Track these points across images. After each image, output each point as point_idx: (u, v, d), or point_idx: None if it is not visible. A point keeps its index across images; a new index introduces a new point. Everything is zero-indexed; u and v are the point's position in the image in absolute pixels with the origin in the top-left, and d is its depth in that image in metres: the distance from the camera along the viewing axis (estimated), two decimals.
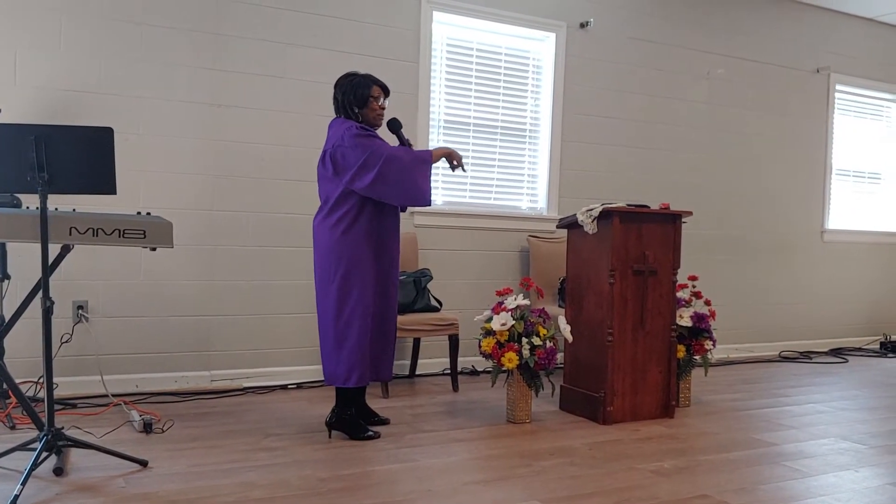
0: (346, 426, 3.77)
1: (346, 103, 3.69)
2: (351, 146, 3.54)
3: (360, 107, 3.69)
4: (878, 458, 3.73)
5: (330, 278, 3.63)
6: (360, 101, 3.68)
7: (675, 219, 4.40)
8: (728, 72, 6.59)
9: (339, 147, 3.57)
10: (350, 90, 3.68)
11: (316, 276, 3.71)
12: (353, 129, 3.58)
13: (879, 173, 7.66)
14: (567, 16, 5.83)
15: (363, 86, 3.68)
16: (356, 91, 3.68)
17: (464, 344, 5.05)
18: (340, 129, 3.61)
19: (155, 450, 3.43)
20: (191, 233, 4.68)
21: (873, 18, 7.34)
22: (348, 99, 3.68)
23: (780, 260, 6.97)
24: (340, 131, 3.59)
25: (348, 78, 3.73)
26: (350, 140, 3.54)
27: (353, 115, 3.70)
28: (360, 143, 3.54)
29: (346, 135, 3.56)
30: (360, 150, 3.53)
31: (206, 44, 4.68)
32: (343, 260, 3.61)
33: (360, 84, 3.68)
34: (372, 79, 3.73)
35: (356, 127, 3.59)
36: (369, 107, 3.69)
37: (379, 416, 4.05)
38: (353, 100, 3.67)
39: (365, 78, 3.72)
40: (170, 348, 4.65)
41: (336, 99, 3.74)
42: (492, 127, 5.65)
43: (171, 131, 4.62)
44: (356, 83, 3.69)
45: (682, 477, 3.33)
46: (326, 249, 3.64)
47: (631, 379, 4.27)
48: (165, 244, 3.27)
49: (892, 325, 7.70)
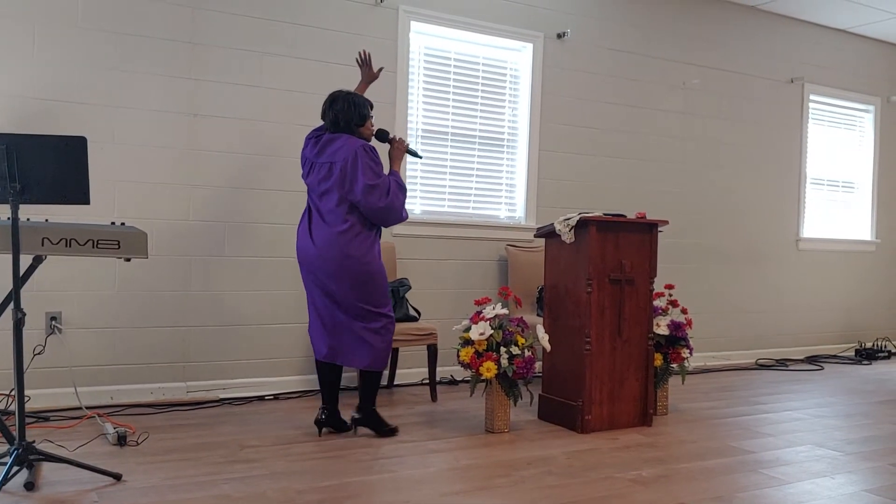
0: (374, 421, 4.04)
1: (347, 120, 3.89)
2: (364, 169, 3.77)
3: (359, 125, 3.93)
4: (854, 465, 3.76)
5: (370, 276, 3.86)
6: (360, 120, 3.93)
7: (652, 228, 4.42)
8: (703, 82, 6.65)
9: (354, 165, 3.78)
10: (353, 109, 3.90)
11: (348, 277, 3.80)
12: (368, 151, 3.82)
13: (853, 182, 7.75)
14: (544, 26, 5.86)
15: (363, 106, 3.95)
16: (358, 111, 3.91)
17: (442, 353, 5.04)
18: (351, 147, 3.81)
19: (129, 463, 3.39)
20: (167, 243, 4.64)
21: (846, 30, 7.44)
22: (350, 116, 3.89)
23: (756, 268, 7.03)
24: (352, 149, 3.80)
25: (347, 96, 3.93)
26: (364, 162, 3.78)
27: (352, 131, 3.91)
28: (374, 170, 3.81)
29: (360, 155, 3.79)
30: (374, 176, 3.79)
31: (181, 53, 4.66)
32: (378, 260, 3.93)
33: (361, 104, 3.93)
34: (368, 100, 4.01)
35: (370, 150, 3.84)
36: (366, 125, 3.97)
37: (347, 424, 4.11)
38: (355, 118, 3.90)
39: (363, 98, 3.98)
40: (145, 359, 4.60)
41: (335, 115, 3.90)
42: (470, 136, 5.65)
43: (146, 140, 4.58)
44: (357, 103, 3.92)
45: (659, 485, 3.33)
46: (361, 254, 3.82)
47: (609, 387, 4.28)
48: (140, 255, 3.24)
49: (866, 332, 7.78)
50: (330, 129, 3.94)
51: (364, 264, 3.81)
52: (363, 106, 3.94)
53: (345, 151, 3.80)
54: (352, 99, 3.92)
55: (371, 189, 3.76)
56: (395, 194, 3.85)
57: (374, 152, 3.85)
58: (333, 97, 3.94)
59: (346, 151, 3.79)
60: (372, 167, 3.79)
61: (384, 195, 3.81)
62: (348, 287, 3.81)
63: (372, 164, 3.80)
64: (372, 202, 3.78)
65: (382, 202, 3.80)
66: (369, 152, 3.82)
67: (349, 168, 3.76)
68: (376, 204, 3.79)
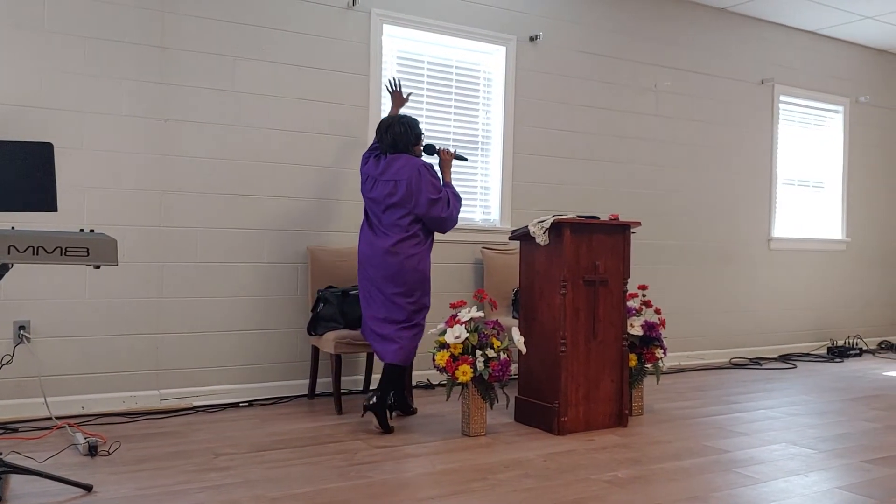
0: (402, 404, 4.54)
1: (405, 142, 4.37)
2: (426, 185, 4.26)
3: (415, 144, 4.42)
4: (827, 463, 3.79)
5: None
6: (416, 140, 4.42)
7: (625, 229, 4.44)
8: (675, 84, 6.70)
9: (418, 182, 4.25)
10: (409, 131, 4.39)
11: (404, 280, 4.25)
12: (428, 169, 4.31)
13: (823, 182, 7.84)
14: (516, 29, 5.87)
15: (416, 127, 4.44)
16: (413, 132, 4.41)
17: (418, 357, 5.01)
18: (414, 166, 4.29)
19: (100, 473, 3.34)
20: (138, 249, 4.58)
21: (815, 31, 7.53)
22: (408, 138, 4.38)
23: (729, 268, 7.08)
24: (415, 168, 4.28)
25: (402, 120, 4.40)
26: (426, 179, 4.27)
27: (409, 150, 4.39)
28: (435, 185, 4.31)
29: (422, 173, 4.27)
30: (435, 190, 4.30)
31: (151, 57, 4.61)
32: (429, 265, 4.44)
33: (415, 125, 4.43)
34: (417, 120, 4.49)
35: (430, 168, 4.33)
36: (419, 144, 4.46)
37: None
38: (412, 139, 4.39)
39: (415, 120, 4.47)
40: (117, 368, 4.55)
41: (394, 138, 4.36)
42: (444, 139, 5.64)
43: (115, 146, 4.53)
44: (412, 125, 4.41)
45: (636, 486, 3.34)
46: (418, 259, 4.30)
47: (584, 389, 4.29)
48: (110, 262, 3.19)
49: (838, 330, 7.87)
50: (388, 150, 4.38)
51: (420, 269, 4.29)
52: (416, 127, 4.43)
53: (408, 170, 4.27)
54: (406, 122, 4.40)
55: (434, 202, 4.26)
56: (453, 205, 4.38)
57: (433, 169, 4.36)
58: (389, 122, 4.41)
59: (409, 170, 4.26)
60: (433, 182, 4.29)
61: (445, 206, 4.32)
62: (403, 289, 4.23)
63: (433, 179, 4.30)
64: (435, 213, 4.28)
65: (444, 213, 4.31)
66: (429, 170, 4.31)
67: (413, 185, 4.24)
68: (439, 215, 4.29)
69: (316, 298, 4.83)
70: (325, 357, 4.89)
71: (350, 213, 5.21)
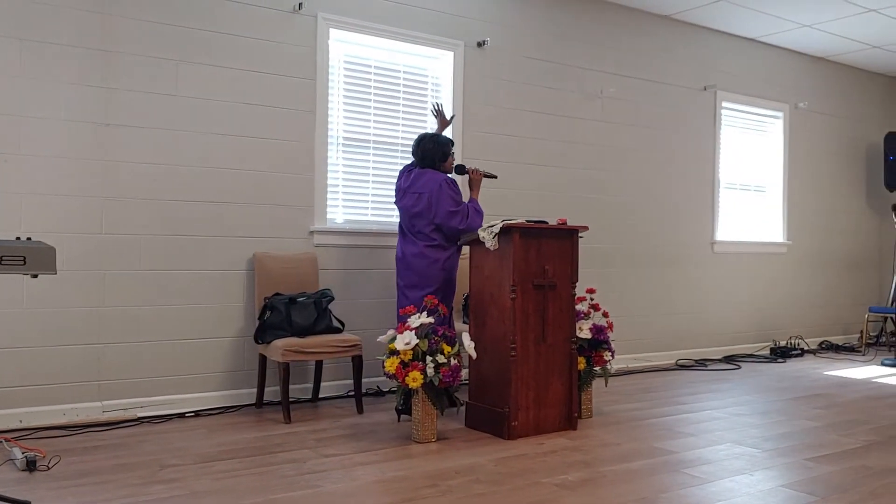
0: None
1: (432, 157, 4.80)
2: (445, 198, 4.67)
3: (442, 161, 4.82)
4: (771, 461, 3.87)
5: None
6: (443, 157, 4.83)
7: (573, 234, 4.47)
8: (620, 90, 6.79)
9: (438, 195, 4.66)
10: (437, 148, 4.81)
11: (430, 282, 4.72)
12: (449, 184, 4.72)
13: (763, 186, 8.02)
14: (464, 35, 5.89)
15: (446, 145, 4.84)
16: (441, 149, 4.81)
17: (368, 364, 4.99)
18: (437, 180, 4.71)
19: (39, 489, 3.23)
20: (78, 257, 4.46)
21: (756, 39, 7.71)
22: (435, 154, 4.80)
23: (674, 271, 7.20)
24: (437, 182, 4.70)
25: (433, 137, 4.84)
26: (446, 193, 4.68)
27: (436, 166, 4.80)
28: (455, 199, 4.70)
29: (443, 187, 4.68)
30: (454, 203, 4.70)
31: (91, 60, 4.50)
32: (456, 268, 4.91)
33: (444, 144, 4.84)
34: (450, 140, 4.90)
35: (451, 182, 4.74)
36: (448, 161, 4.87)
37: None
38: (438, 156, 4.80)
39: (446, 139, 4.88)
40: (57, 379, 4.42)
41: (423, 152, 4.80)
42: (392, 144, 5.63)
43: (54, 151, 4.41)
44: (441, 142, 4.83)
45: (585, 489, 3.36)
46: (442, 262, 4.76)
47: (534, 393, 4.31)
48: (48, 271, 3.10)
49: (780, 331, 8.05)
50: (419, 164, 4.83)
51: (446, 270, 4.75)
52: (445, 145, 4.83)
53: (431, 184, 4.69)
54: (436, 139, 4.82)
55: (452, 214, 4.66)
56: (472, 218, 4.72)
57: (455, 184, 4.76)
58: (421, 138, 4.84)
59: (432, 184, 4.69)
60: (452, 196, 4.69)
61: (463, 219, 4.69)
62: (430, 290, 4.64)
63: (452, 193, 4.69)
64: (453, 225, 4.67)
65: (462, 225, 4.68)
66: (450, 184, 4.72)
67: (434, 198, 4.66)
68: (457, 226, 4.68)
69: (263, 306, 4.77)
70: (273, 365, 4.82)
71: (297, 220, 5.16)
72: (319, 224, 5.26)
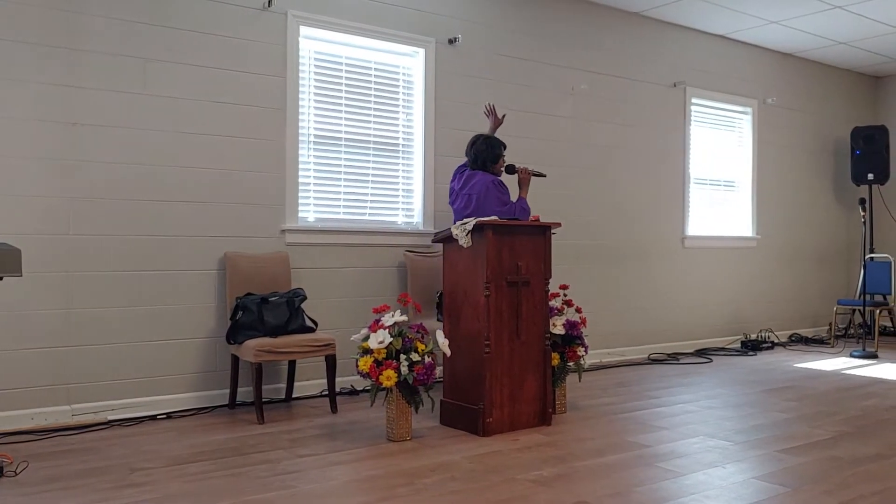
0: None
1: (483, 158, 4.98)
2: (493, 199, 4.83)
3: (493, 163, 4.99)
4: (743, 454, 3.90)
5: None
6: (494, 159, 5.00)
7: (545, 230, 4.48)
8: (591, 87, 6.81)
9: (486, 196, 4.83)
10: (489, 150, 4.99)
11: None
12: (497, 185, 4.89)
13: (733, 181, 8.10)
14: (435, 32, 5.87)
15: (497, 147, 5.02)
16: (493, 151, 4.99)
17: (341, 364, 4.96)
18: (485, 182, 4.88)
19: (6, 496, 3.17)
20: (44, 259, 4.39)
21: (725, 35, 7.77)
22: (486, 156, 4.97)
23: (646, 266, 7.24)
24: (485, 184, 4.87)
25: (486, 139, 5.03)
26: (493, 194, 4.84)
27: (486, 167, 4.97)
28: (502, 199, 4.86)
29: (490, 188, 4.85)
30: (501, 204, 4.85)
31: (56, 58, 4.42)
32: None
33: (496, 145, 5.02)
34: (502, 142, 5.07)
35: (499, 183, 4.91)
36: (498, 163, 5.02)
37: None
38: (489, 158, 4.98)
39: (498, 141, 5.06)
40: (24, 383, 4.34)
41: (475, 153, 4.99)
42: (364, 142, 5.60)
43: (18, 151, 4.33)
44: (493, 144, 5.01)
45: (560, 485, 3.37)
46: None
47: (509, 389, 4.31)
48: (13, 273, 3.05)
49: (750, 324, 8.14)
50: (471, 165, 5.01)
51: None
52: (497, 147, 5.01)
53: (480, 185, 4.86)
54: (489, 141, 5.01)
55: (498, 214, 4.63)
56: (519, 216, 4.80)
57: (503, 185, 4.91)
58: (475, 139, 5.04)
59: (480, 185, 4.86)
60: (499, 197, 4.85)
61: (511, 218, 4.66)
62: None
63: (499, 194, 4.85)
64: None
65: None
66: (498, 185, 4.88)
67: (482, 199, 4.81)
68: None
69: (234, 306, 4.72)
70: (246, 366, 4.78)
71: (267, 219, 5.12)
72: (291, 223, 5.22)
